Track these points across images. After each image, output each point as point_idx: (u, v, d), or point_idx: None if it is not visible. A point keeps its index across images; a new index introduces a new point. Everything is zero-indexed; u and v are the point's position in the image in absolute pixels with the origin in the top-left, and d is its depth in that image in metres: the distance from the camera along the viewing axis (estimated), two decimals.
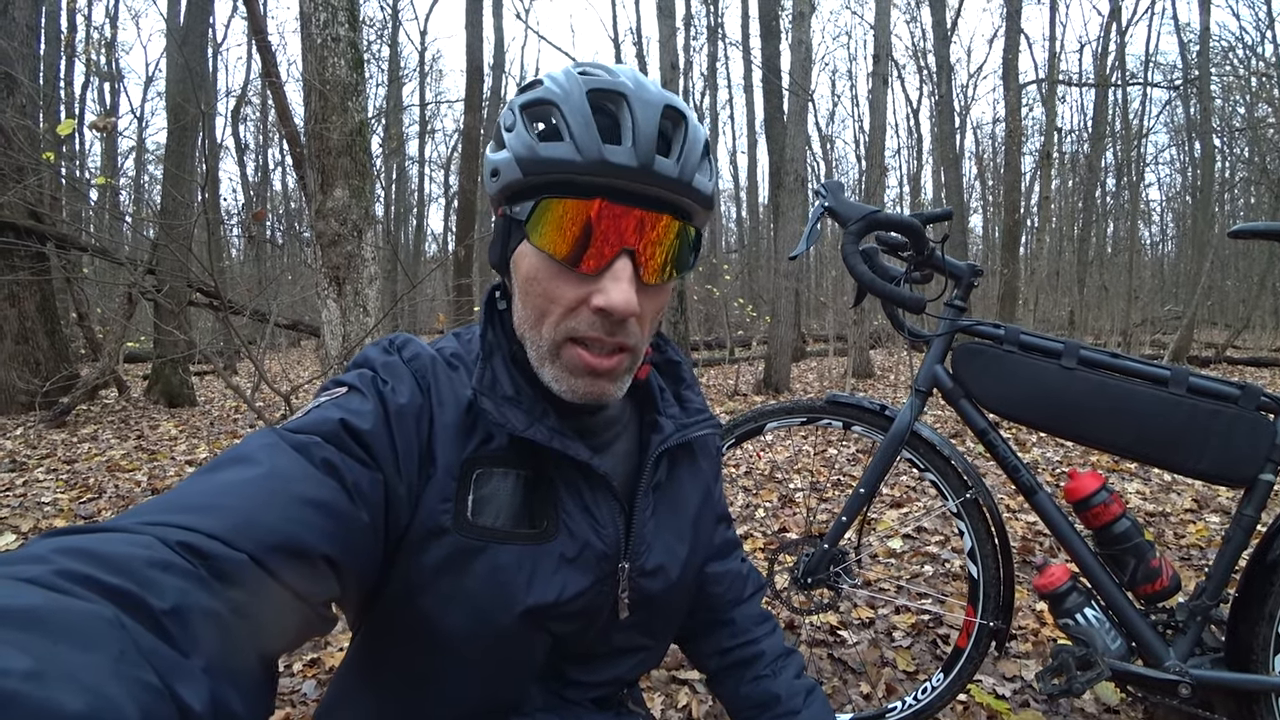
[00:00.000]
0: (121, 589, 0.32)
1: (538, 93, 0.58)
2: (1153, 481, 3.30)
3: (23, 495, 3.42)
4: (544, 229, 0.56)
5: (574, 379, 0.58)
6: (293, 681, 1.72)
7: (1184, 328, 8.85)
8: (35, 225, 5.57)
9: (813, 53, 7.63)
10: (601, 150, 0.54)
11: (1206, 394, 1.11)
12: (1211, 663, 1.11)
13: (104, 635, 0.28)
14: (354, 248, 3.02)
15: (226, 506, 0.42)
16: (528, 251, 0.58)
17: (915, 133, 24.03)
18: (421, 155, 23.93)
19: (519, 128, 0.57)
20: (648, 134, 0.55)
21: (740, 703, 0.81)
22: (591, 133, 0.54)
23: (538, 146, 0.56)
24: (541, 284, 0.57)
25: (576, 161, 0.54)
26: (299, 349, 13.77)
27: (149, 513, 0.40)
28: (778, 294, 7.24)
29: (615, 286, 0.55)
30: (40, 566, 0.31)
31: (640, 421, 0.71)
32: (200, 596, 0.35)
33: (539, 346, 0.59)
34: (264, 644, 0.39)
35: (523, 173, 0.57)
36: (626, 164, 0.54)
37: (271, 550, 0.41)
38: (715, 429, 0.74)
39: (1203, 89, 11.14)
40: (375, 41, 18.91)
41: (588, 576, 0.62)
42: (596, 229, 0.55)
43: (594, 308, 0.56)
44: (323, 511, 0.46)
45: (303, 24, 2.96)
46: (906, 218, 1.26)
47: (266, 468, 0.46)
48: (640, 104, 0.55)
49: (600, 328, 0.56)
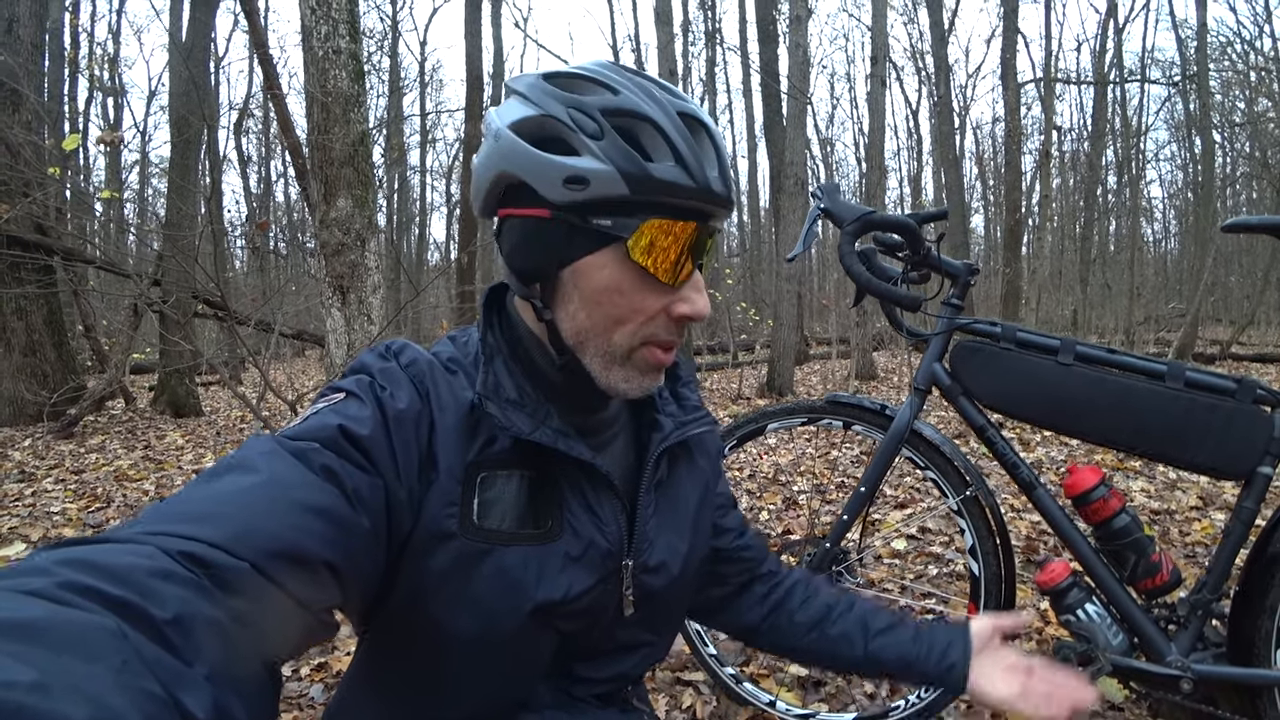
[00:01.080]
0: (123, 599, 0.32)
1: (620, 102, 0.57)
2: (1158, 479, 3.29)
3: (32, 505, 3.44)
4: (649, 246, 0.58)
5: (644, 377, 0.62)
6: (300, 685, 1.74)
7: (1188, 325, 8.83)
8: (41, 239, 5.63)
9: (810, 56, 7.67)
10: (709, 180, 0.58)
11: (1204, 388, 1.12)
12: (1214, 657, 1.12)
13: (107, 646, 0.29)
14: (358, 257, 3.04)
15: (227, 515, 0.42)
16: (606, 262, 0.58)
17: (915, 134, 24.06)
18: (423, 164, 24.03)
19: (612, 138, 0.56)
20: (728, 164, 0.61)
21: (798, 630, 0.85)
22: (698, 159, 0.58)
23: (649, 166, 0.56)
24: (627, 295, 0.59)
25: (689, 187, 0.57)
26: (303, 358, 13.82)
27: (150, 522, 0.40)
28: (780, 297, 7.25)
29: (700, 297, 0.61)
30: (42, 579, 0.31)
31: (638, 420, 0.72)
32: (202, 605, 0.35)
33: (608, 353, 0.61)
34: (267, 651, 0.40)
35: (630, 190, 0.56)
36: (721, 193, 0.59)
37: (272, 558, 0.41)
38: (712, 426, 0.75)
39: (1201, 85, 11.14)
40: (375, 53, 19.05)
41: (593, 574, 0.63)
42: (687, 246, 0.59)
43: (677, 315, 0.61)
44: (323, 518, 0.46)
45: (304, 37, 2.99)
46: (901, 218, 1.27)
47: (266, 475, 0.46)
48: (717, 135, 0.61)
49: (675, 331, 0.62)
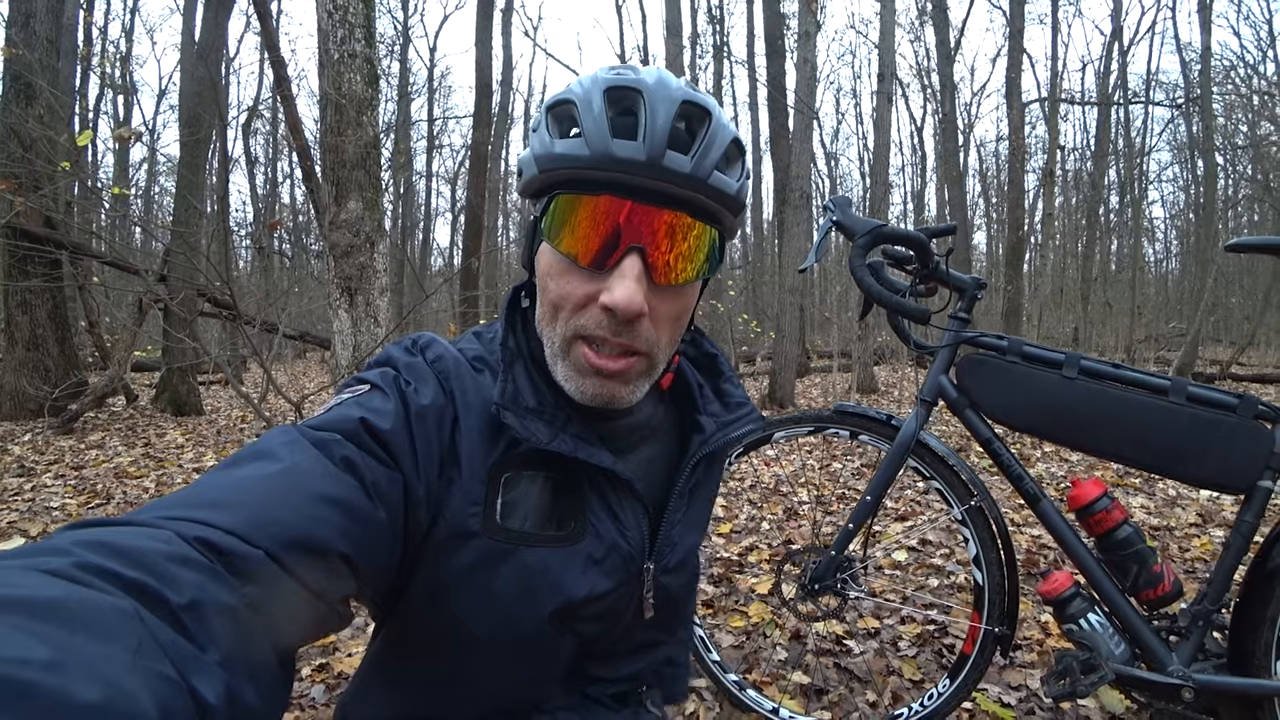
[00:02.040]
0: (140, 583, 0.32)
1: (562, 94, 0.59)
2: (1157, 496, 3.30)
3: (31, 500, 3.45)
4: (555, 225, 0.56)
5: (582, 378, 0.58)
6: (301, 686, 1.74)
7: (1188, 344, 8.84)
8: (50, 233, 5.66)
9: (818, 71, 7.73)
10: (609, 144, 0.53)
11: (1205, 403, 1.14)
12: (1214, 667, 1.13)
13: (122, 628, 0.29)
14: (366, 259, 3.07)
15: (245, 503, 0.42)
16: (545, 248, 0.59)
17: (919, 150, 24.16)
18: (429, 170, 24.16)
19: (542, 127, 0.59)
20: (659, 129, 0.54)
21: None
22: (600, 128, 0.54)
23: (554, 143, 0.56)
24: (554, 280, 0.58)
25: (584, 156, 0.54)
26: (304, 360, 13.83)
27: (169, 507, 0.40)
28: (782, 310, 7.27)
29: (620, 284, 0.54)
30: (61, 559, 0.31)
31: (680, 424, 0.71)
32: (217, 592, 0.35)
33: (552, 343, 0.59)
34: (280, 639, 0.40)
35: (539, 169, 0.57)
36: (633, 157, 0.53)
37: (288, 547, 0.41)
38: (758, 423, 0.73)
39: (1205, 107, 11.22)
40: (386, 58, 19.20)
41: (613, 578, 0.62)
42: (604, 225, 0.55)
43: (601, 305, 0.55)
44: (340, 509, 0.46)
45: (320, 40, 3.03)
46: (912, 232, 1.30)
47: (286, 464, 0.46)
48: (655, 99, 0.55)
49: (607, 327, 0.56)
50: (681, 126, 0.56)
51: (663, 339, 0.59)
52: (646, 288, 0.56)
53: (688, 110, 0.56)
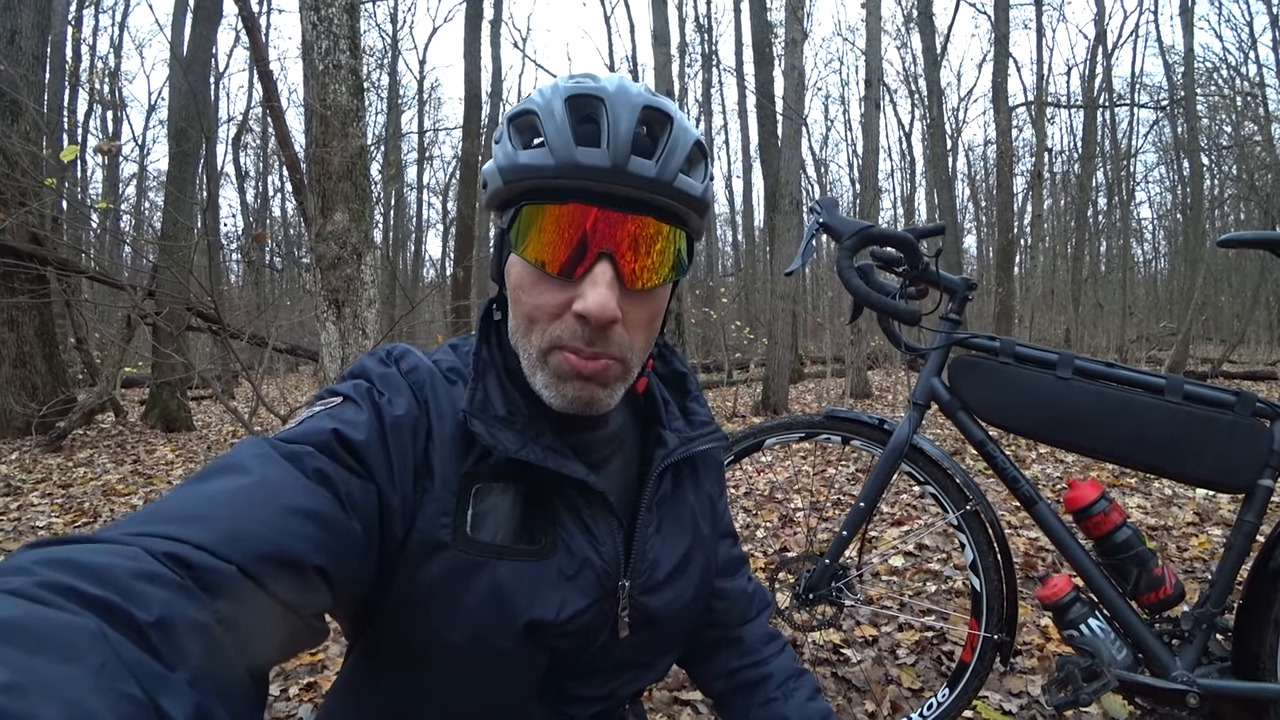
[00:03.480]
0: (105, 600, 0.31)
1: (523, 104, 0.59)
2: (1154, 495, 3.29)
3: (17, 520, 3.39)
4: (523, 235, 0.56)
5: (562, 384, 0.57)
6: (289, 706, 1.70)
7: (1179, 343, 8.90)
8: (36, 249, 5.60)
9: (805, 78, 7.77)
10: (574, 153, 0.53)
11: (1202, 401, 1.12)
12: (1219, 671, 1.11)
13: (86, 647, 0.28)
14: (353, 271, 3.04)
15: (215, 517, 0.41)
16: (514, 260, 0.58)
17: (908, 155, 24.35)
18: (420, 181, 24.20)
19: (505, 139, 0.58)
20: (623, 134, 0.54)
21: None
22: (564, 136, 0.54)
23: (517, 154, 0.56)
24: (526, 292, 0.57)
25: (549, 165, 0.54)
26: (296, 374, 13.75)
27: (136, 523, 0.39)
28: (774, 316, 7.27)
29: (593, 291, 0.54)
30: (22, 578, 0.30)
31: (643, 436, 0.70)
32: (186, 608, 0.34)
33: (529, 355, 0.58)
34: (253, 656, 0.39)
35: (503, 180, 0.57)
36: (598, 164, 0.53)
37: (261, 561, 0.40)
38: (720, 442, 0.72)
39: (1189, 109, 11.34)
40: (375, 70, 19.23)
41: (587, 595, 0.61)
42: (573, 233, 0.54)
43: (574, 313, 0.55)
44: (314, 522, 0.45)
45: (305, 51, 3.01)
46: (900, 232, 1.28)
47: (257, 477, 0.45)
48: (617, 105, 0.55)
49: (582, 336, 0.55)
50: (644, 131, 0.56)
51: (636, 343, 0.59)
52: (618, 294, 0.55)
53: (649, 115, 0.56)
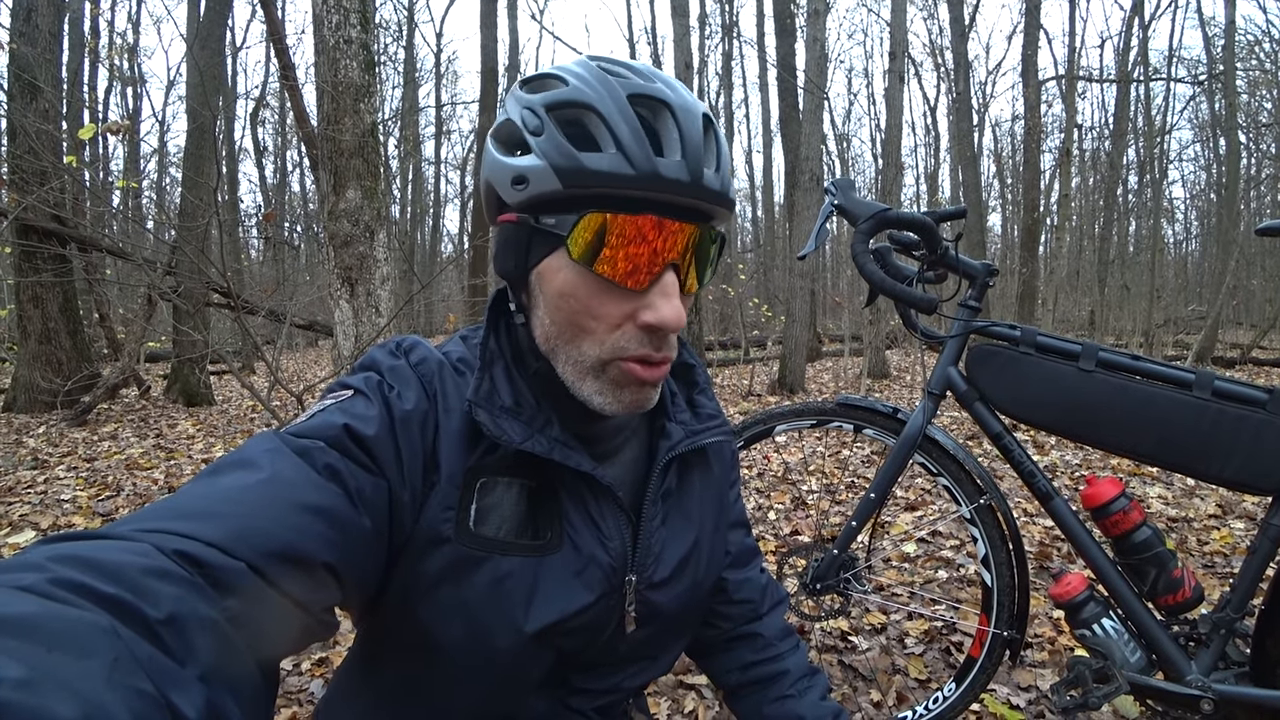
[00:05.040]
0: (117, 597, 0.31)
1: (565, 93, 0.54)
2: (1175, 486, 3.22)
3: (44, 493, 3.48)
4: (587, 245, 0.52)
5: (621, 391, 0.56)
6: (300, 680, 1.73)
7: (1208, 328, 8.66)
8: (58, 228, 5.68)
9: (828, 51, 7.58)
10: (655, 164, 0.52)
11: (1232, 398, 1.07)
12: (1236, 677, 1.07)
13: (98, 643, 0.28)
14: (366, 248, 3.03)
15: (226, 513, 0.41)
16: (561, 265, 0.54)
17: (933, 130, 23.78)
18: (437, 156, 24.13)
19: (550, 132, 0.53)
20: (696, 146, 0.53)
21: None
22: (643, 145, 0.52)
23: (581, 156, 0.52)
24: (582, 301, 0.54)
25: (629, 175, 0.51)
26: (316, 349, 13.92)
27: (148, 519, 0.39)
28: (793, 294, 7.19)
29: (667, 303, 0.53)
30: (35, 574, 0.31)
31: (650, 427, 0.69)
32: (197, 605, 0.35)
33: (578, 363, 0.56)
34: (263, 651, 0.39)
35: (563, 184, 0.52)
36: (679, 178, 0.52)
37: (271, 558, 0.41)
38: (727, 435, 0.71)
39: (1228, 84, 10.89)
40: (391, 44, 19.09)
41: (593, 591, 0.60)
42: (646, 246, 0.52)
43: (642, 324, 0.54)
44: (324, 518, 0.45)
45: (315, 27, 2.98)
46: (918, 216, 1.23)
47: (268, 473, 0.45)
48: (684, 114, 0.54)
49: (649, 344, 0.55)
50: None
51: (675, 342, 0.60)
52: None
53: (706, 123, 0.56)
